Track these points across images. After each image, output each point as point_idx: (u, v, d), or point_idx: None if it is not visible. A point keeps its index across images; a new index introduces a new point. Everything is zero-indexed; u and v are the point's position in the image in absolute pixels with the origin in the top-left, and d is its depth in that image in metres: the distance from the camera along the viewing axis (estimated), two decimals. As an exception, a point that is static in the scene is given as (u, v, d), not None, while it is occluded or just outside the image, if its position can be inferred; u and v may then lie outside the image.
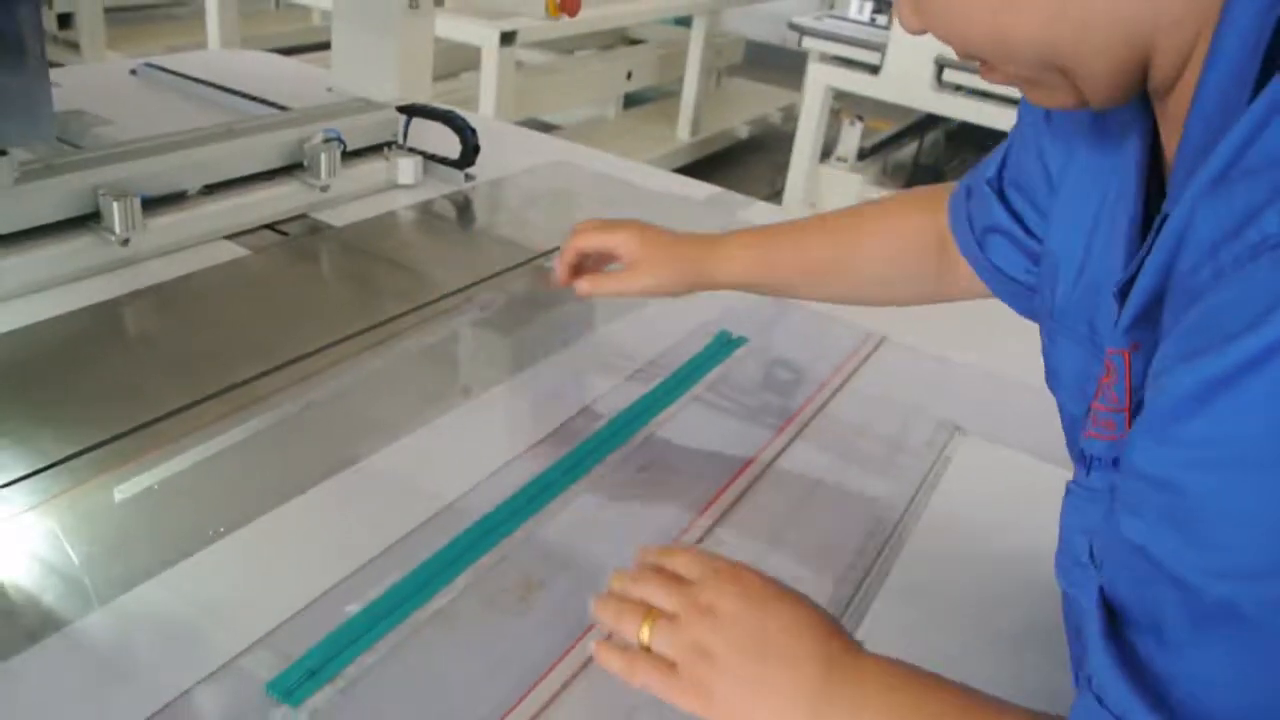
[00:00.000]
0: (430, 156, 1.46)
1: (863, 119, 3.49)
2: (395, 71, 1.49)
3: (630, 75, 4.24)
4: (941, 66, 3.11)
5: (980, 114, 3.15)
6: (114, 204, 1.07)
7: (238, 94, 1.59)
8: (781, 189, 3.58)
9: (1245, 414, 0.38)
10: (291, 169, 1.31)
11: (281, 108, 1.51)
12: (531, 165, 1.59)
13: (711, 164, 4.30)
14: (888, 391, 1.05)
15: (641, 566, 0.63)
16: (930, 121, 3.65)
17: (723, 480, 0.87)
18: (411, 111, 1.46)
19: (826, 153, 3.57)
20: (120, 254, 1.10)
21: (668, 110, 4.45)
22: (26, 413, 0.86)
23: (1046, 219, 0.67)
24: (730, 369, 1.06)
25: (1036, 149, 0.68)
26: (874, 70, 3.24)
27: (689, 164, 4.13)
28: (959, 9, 0.51)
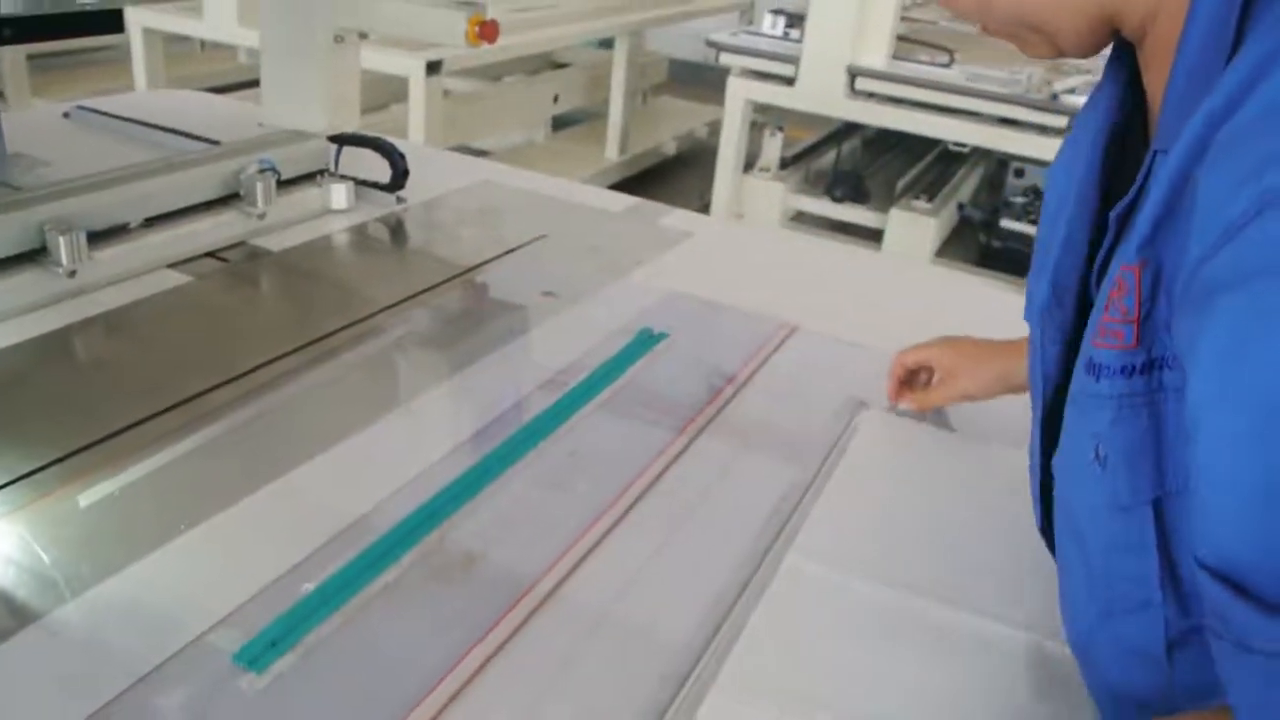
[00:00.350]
0: (362, 182, 1.53)
1: (782, 129, 3.61)
2: (324, 104, 1.56)
3: (557, 98, 4.33)
4: (854, 75, 3.24)
5: (894, 119, 3.28)
6: (60, 238, 1.13)
7: (172, 131, 1.64)
8: (710, 201, 3.68)
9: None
10: (229, 199, 1.38)
11: (215, 143, 1.56)
12: (459, 186, 1.66)
13: (641, 181, 4.40)
14: (798, 374, 1.14)
15: None
16: (848, 129, 3.78)
17: (647, 460, 0.95)
18: (342, 140, 1.53)
19: (750, 164, 3.68)
20: (68, 285, 1.16)
21: (596, 131, 4.55)
22: (-11, 435, 0.92)
23: None
24: (652, 361, 1.14)
25: None
26: (789, 82, 3.36)
27: (619, 181, 4.22)
28: None
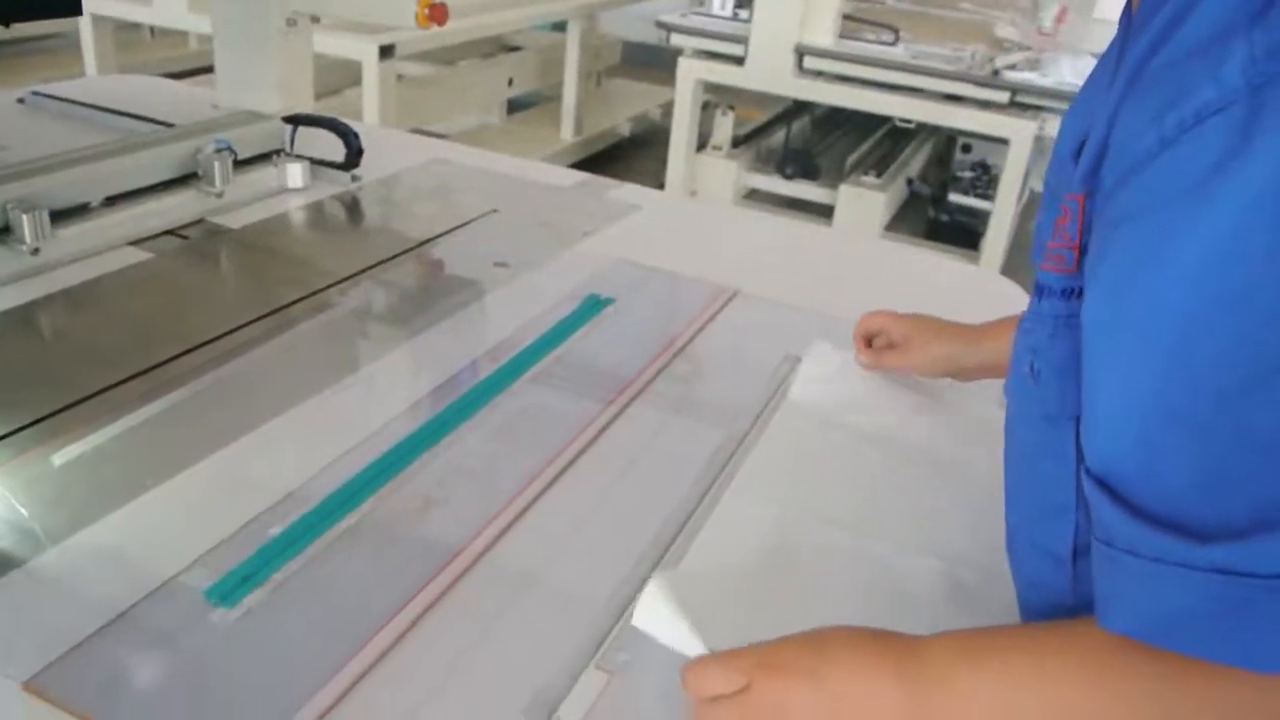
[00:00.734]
0: (317, 161, 1.57)
1: (734, 109, 3.68)
2: (277, 86, 1.60)
3: (512, 81, 4.37)
4: (801, 54, 3.31)
5: (841, 97, 3.36)
6: (24, 217, 1.17)
7: (128, 115, 1.67)
8: (665, 180, 3.75)
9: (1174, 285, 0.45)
10: (187, 179, 1.42)
11: (171, 126, 1.60)
12: (413, 165, 1.71)
13: (597, 162, 4.45)
14: (739, 334, 1.21)
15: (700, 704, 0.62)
16: (798, 108, 3.85)
17: (591, 415, 1.01)
18: (296, 121, 1.57)
19: (703, 144, 3.75)
20: (32, 263, 1.19)
21: (551, 113, 4.59)
22: (-37, 402, 0.96)
23: None
24: (598, 325, 1.20)
25: None
26: (739, 61, 3.43)
27: (575, 163, 4.27)
28: None
